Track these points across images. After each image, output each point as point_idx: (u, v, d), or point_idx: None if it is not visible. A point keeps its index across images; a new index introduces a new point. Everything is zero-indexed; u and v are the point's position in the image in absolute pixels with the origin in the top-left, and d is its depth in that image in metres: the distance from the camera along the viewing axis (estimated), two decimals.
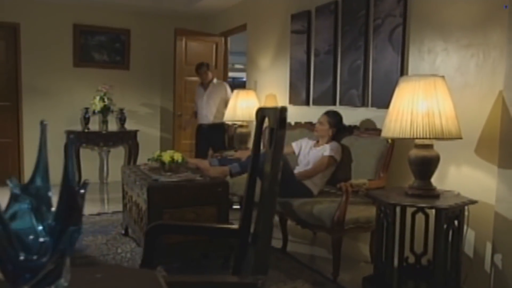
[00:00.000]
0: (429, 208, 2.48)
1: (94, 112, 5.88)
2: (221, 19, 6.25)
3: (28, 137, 5.78)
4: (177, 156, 3.20)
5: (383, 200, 2.45)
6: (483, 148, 2.59)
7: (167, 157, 3.18)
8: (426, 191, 2.44)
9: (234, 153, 4.17)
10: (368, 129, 3.39)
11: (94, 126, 6.01)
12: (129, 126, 6.18)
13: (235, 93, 4.79)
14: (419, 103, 2.36)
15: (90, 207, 4.77)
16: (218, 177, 3.08)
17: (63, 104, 5.95)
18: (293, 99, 4.49)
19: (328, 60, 3.92)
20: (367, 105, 3.51)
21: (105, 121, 5.98)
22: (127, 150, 6.33)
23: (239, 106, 4.64)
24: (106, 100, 5.84)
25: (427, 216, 2.64)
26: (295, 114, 4.41)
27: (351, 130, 3.48)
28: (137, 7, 6.00)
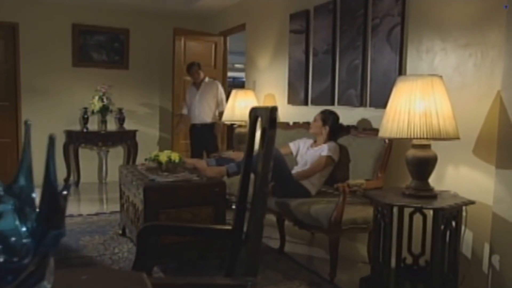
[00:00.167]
0: (426, 208, 2.47)
1: (93, 112, 5.87)
2: (220, 18, 6.24)
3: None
4: (174, 156, 3.19)
5: (380, 201, 2.44)
6: (481, 148, 2.58)
7: (164, 157, 3.17)
8: (423, 192, 2.43)
9: (231, 153, 4.15)
10: (366, 129, 3.37)
11: (93, 126, 6.00)
12: (128, 126, 6.18)
13: (233, 93, 4.77)
14: (416, 103, 2.34)
15: (88, 207, 4.76)
16: (215, 177, 3.06)
17: (62, 104, 5.94)
18: (292, 99, 4.47)
19: (326, 60, 3.90)
20: (365, 105, 3.49)
21: (104, 121, 5.98)
22: (126, 150, 6.32)
23: (238, 106, 4.63)
24: (105, 100, 5.83)
25: (425, 216, 2.63)
26: (293, 114, 4.40)
27: (349, 130, 3.46)
28: (136, 6, 5.99)
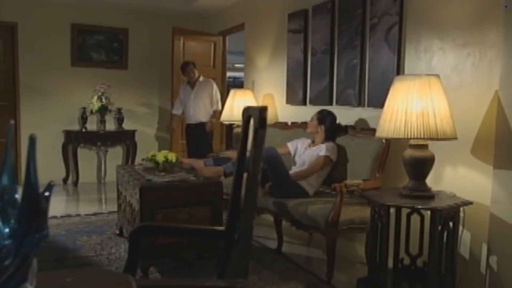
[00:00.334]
0: (423, 209, 2.46)
1: (92, 111, 5.86)
2: (219, 18, 6.23)
3: (25, 137, 5.75)
4: (171, 156, 3.18)
5: (376, 201, 2.43)
6: (479, 149, 2.56)
7: (161, 157, 3.16)
8: (420, 192, 2.41)
9: (229, 153, 4.13)
10: (364, 129, 3.36)
11: (92, 126, 5.99)
12: (127, 125, 6.17)
13: (232, 92, 4.76)
14: (413, 103, 2.33)
15: (86, 207, 4.76)
16: (212, 177, 3.05)
17: (61, 103, 5.94)
18: (290, 98, 4.46)
19: (324, 60, 3.89)
20: (363, 105, 3.48)
21: (103, 121, 5.97)
22: (125, 150, 6.31)
23: (236, 106, 4.61)
24: (104, 99, 5.82)
25: (422, 217, 2.61)
26: (292, 114, 4.39)
27: (347, 130, 3.45)
28: (135, 6, 5.98)
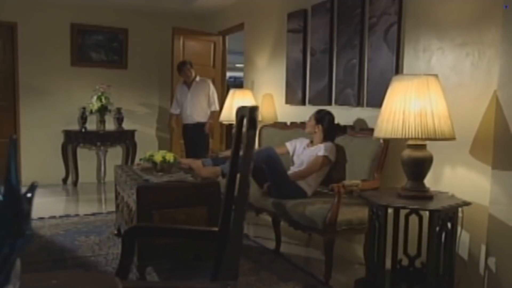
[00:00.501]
0: (420, 209, 2.44)
1: (91, 111, 5.86)
2: (218, 18, 6.22)
3: (25, 136, 5.77)
4: (169, 156, 3.16)
5: (374, 201, 2.41)
6: (478, 149, 2.54)
7: (159, 157, 3.15)
8: (418, 193, 2.40)
9: (228, 153, 4.12)
10: (363, 129, 3.34)
11: (91, 126, 5.99)
12: (126, 125, 6.16)
13: (231, 92, 4.75)
14: (411, 103, 2.31)
15: (85, 207, 4.75)
16: (210, 178, 3.04)
17: (61, 103, 5.93)
18: (290, 98, 4.45)
19: (323, 59, 3.87)
20: (362, 104, 3.46)
21: (102, 121, 5.96)
22: (124, 150, 6.31)
23: (236, 106, 4.54)
24: (103, 99, 5.82)
25: (420, 218, 2.60)
26: (291, 114, 4.38)
27: (346, 130, 3.43)
28: (135, 6, 5.98)
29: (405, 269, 2.67)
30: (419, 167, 2.40)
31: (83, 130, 5.88)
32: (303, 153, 3.45)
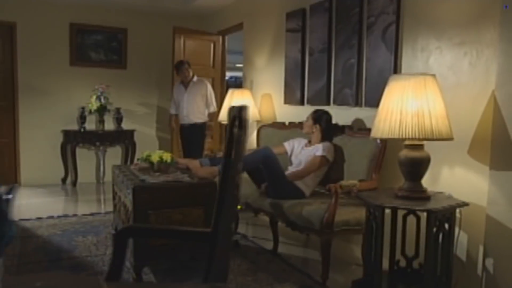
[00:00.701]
0: (417, 210, 2.42)
1: (90, 111, 5.85)
2: (218, 18, 6.20)
3: (24, 136, 5.76)
4: (166, 156, 3.15)
5: (371, 202, 2.39)
6: (476, 149, 2.52)
7: (156, 157, 3.13)
8: (416, 193, 2.38)
9: None
10: (361, 129, 3.32)
11: (90, 126, 5.98)
12: (126, 125, 6.15)
13: (229, 92, 4.74)
14: (408, 103, 2.29)
15: (84, 207, 4.74)
16: (207, 178, 3.02)
17: (60, 103, 5.93)
18: (288, 98, 4.43)
19: (322, 59, 3.86)
20: (360, 104, 3.44)
21: (101, 121, 5.95)
22: (124, 150, 6.30)
23: None
24: (102, 99, 5.81)
25: (418, 218, 2.58)
26: (290, 114, 4.36)
27: (344, 130, 3.41)
28: (134, 5, 5.97)
29: (402, 270, 2.65)
30: (416, 167, 2.38)
31: (82, 130, 5.87)
32: (301, 153, 3.44)
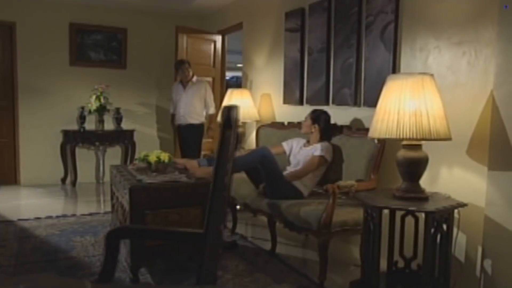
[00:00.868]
0: (415, 211, 2.41)
1: (90, 111, 5.85)
2: (218, 17, 6.19)
3: (24, 136, 5.77)
4: (164, 156, 3.14)
5: (368, 203, 2.38)
6: (474, 149, 2.50)
7: (153, 157, 3.12)
8: (414, 194, 2.36)
9: None
10: (360, 129, 3.30)
11: (90, 126, 5.98)
12: (125, 125, 6.15)
13: (229, 92, 4.72)
14: (406, 103, 2.28)
15: (83, 207, 4.73)
16: (204, 178, 3.00)
17: (59, 103, 5.93)
18: (287, 98, 4.41)
19: (321, 59, 3.84)
20: (359, 104, 3.43)
21: (101, 121, 5.95)
22: (123, 150, 6.29)
23: None
24: (102, 99, 5.81)
25: (417, 219, 2.56)
26: (289, 114, 4.35)
27: (342, 130, 3.40)
28: (134, 5, 5.96)
29: (401, 271, 2.64)
30: (414, 167, 2.36)
31: (81, 130, 5.87)
32: (299, 153, 3.42)
